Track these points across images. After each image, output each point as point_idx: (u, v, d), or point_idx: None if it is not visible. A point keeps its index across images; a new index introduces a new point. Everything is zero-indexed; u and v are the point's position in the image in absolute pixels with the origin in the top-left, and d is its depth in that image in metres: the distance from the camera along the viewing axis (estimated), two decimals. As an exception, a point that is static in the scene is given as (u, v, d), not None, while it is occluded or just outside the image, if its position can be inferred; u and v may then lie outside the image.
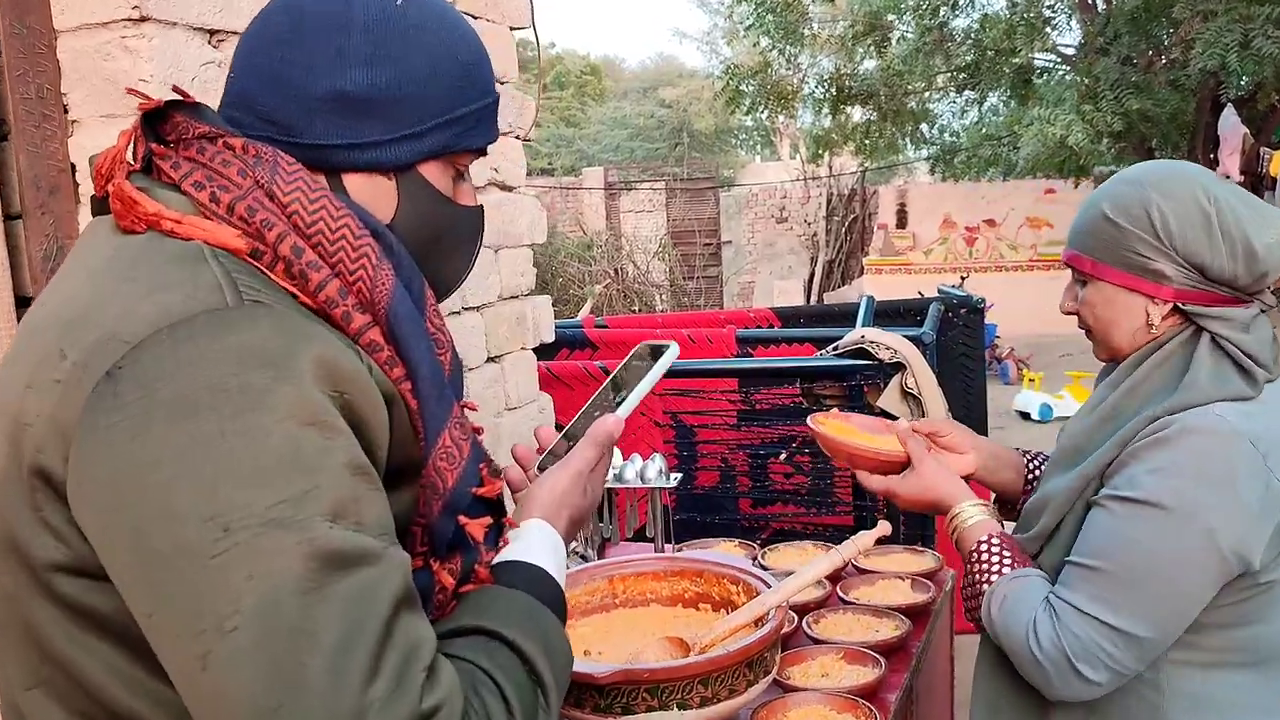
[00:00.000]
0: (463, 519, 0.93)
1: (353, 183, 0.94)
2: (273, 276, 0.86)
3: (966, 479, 1.73)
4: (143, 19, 1.48)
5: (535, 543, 1.02)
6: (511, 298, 2.50)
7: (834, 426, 1.80)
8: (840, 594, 2.25)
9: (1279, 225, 1.42)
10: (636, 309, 13.43)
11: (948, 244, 15.37)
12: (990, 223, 15.20)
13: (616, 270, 13.91)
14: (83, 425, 0.77)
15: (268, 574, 0.73)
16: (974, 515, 1.61)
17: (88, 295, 0.84)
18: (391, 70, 0.92)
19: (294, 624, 0.73)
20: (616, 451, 3.05)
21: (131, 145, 0.91)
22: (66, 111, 1.56)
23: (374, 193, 0.95)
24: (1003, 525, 1.65)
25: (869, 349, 3.34)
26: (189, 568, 0.74)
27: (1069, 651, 1.41)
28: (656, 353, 1.21)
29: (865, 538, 1.77)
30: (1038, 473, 1.79)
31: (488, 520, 0.95)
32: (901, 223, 15.88)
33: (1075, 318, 1.57)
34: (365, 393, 0.84)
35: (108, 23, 1.50)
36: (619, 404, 1.16)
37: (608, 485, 2.25)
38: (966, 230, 15.31)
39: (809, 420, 1.80)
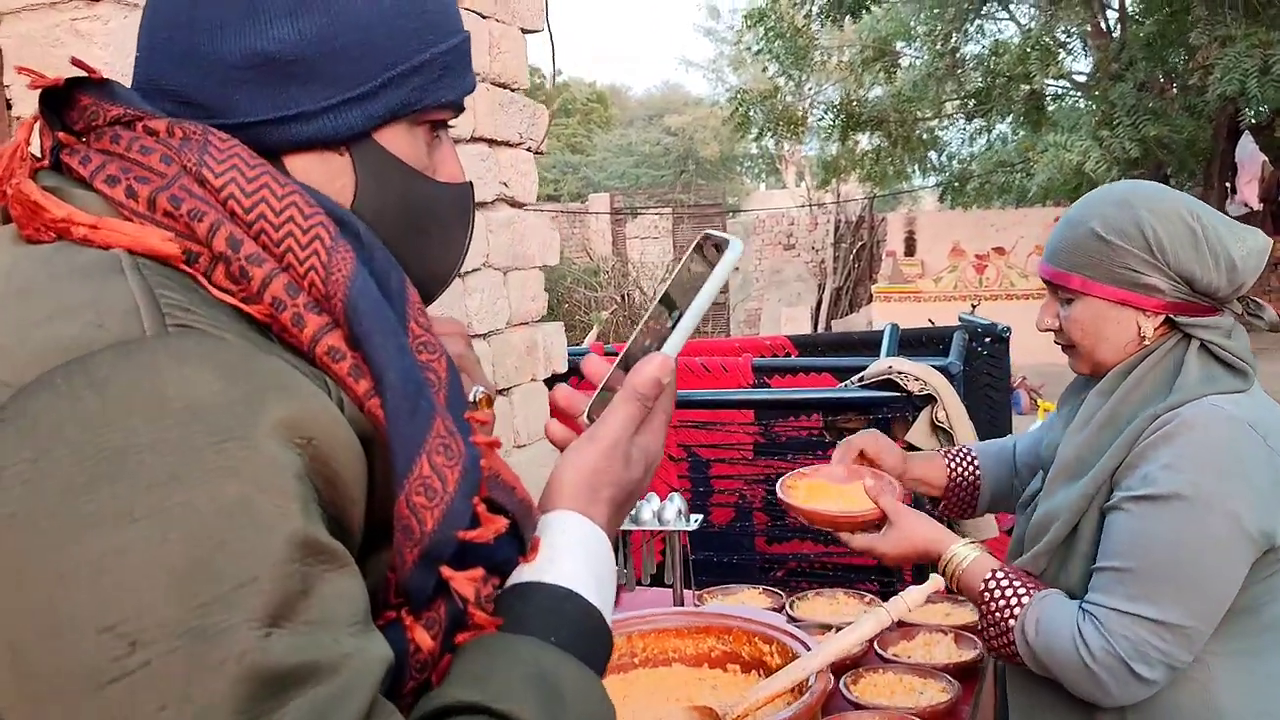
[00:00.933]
0: (446, 571, 0.70)
1: (296, 165, 0.76)
2: (211, 288, 0.68)
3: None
4: (97, -1, 1.30)
5: (560, 548, 0.77)
6: (521, 324, 2.30)
7: (807, 489, 1.79)
8: (878, 650, 2.08)
9: (1248, 238, 1.52)
10: (643, 336, 13.32)
11: (957, 272, 15.33)
12: (1000, 250, 15.16)
13: (623, 296, 13.81)
14: None
15: (185, 703, 0.55)
16: (967, 555, 1.62)
17: None
18: (322, 16, 0.74)
19: None
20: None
21: (36, 137, 0.72)
22: (10, 107, 1.38)
23: (325, 174, 0.77)
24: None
25: (897, 380, 3.18)
26: (82, 696, 0.55)
27: (1123, 655, 1.42)
28: (714, 253, 0.87)
29: (916, 594, 1.69)
30: (960, 455, 1.92)
31: (479, 572, 0.72)
32: (910, 250, 15.87)
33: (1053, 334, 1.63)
34: (336, 436, 0.65)
35: (56, 3, 1.31)
36: (669, 328, 0.85)
37: (623, 527, 2.08)
38: (976, 258, 15.28)
39: (778, 490, 1.78)
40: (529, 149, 2.25)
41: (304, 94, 0.74)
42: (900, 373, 3.20)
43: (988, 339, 4.44)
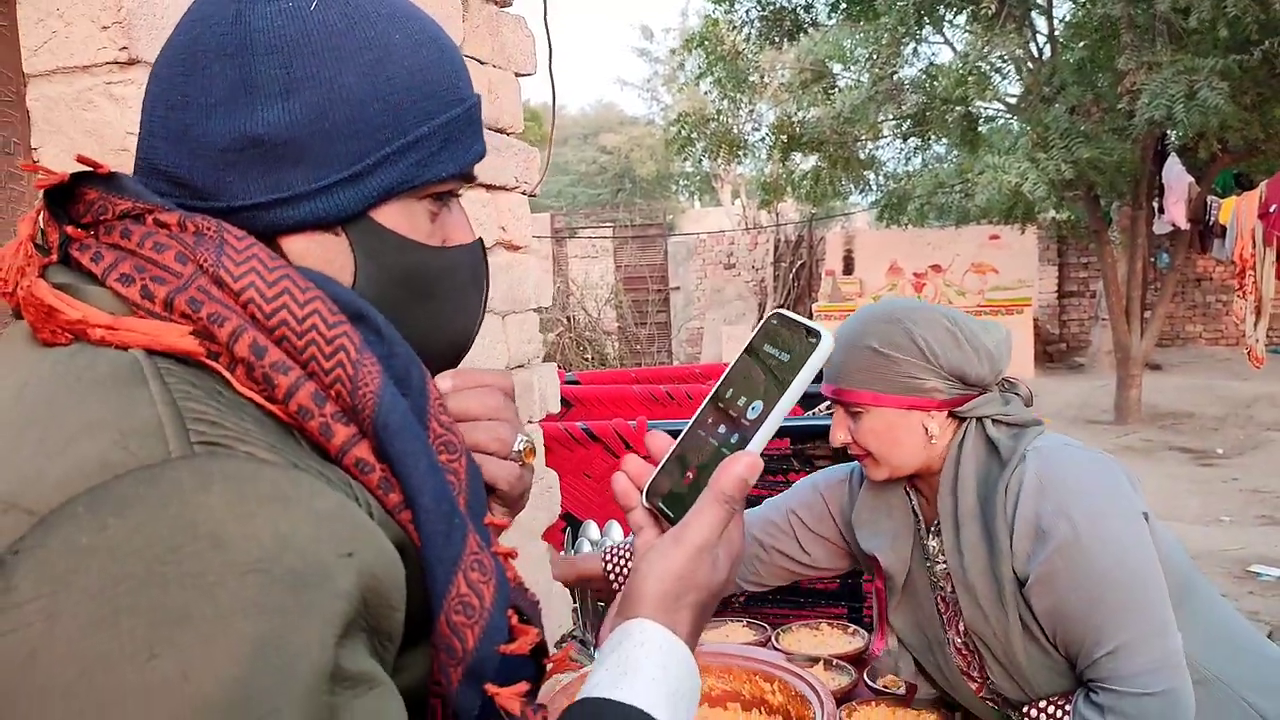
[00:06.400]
0: (491, 688, 0.69)
1: (293, 247, 0.73)
2: (236, 384, 0.66)
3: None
4: (131, 62, 1.27)
5: (638, 661, 0.73)
6: (519, 367, 2.30)
7: None
8: (868, 681, 2.11)
9: (993, 330, 1.70)
10: (589, 357, 13.27)
11: (896, 289, 15.53)
12: (936, 268, 15.40)
13: (569, 318, 13.74)
14: None
15: None
16: None
17: None
18: (314, 94, 0.71)
19: None
20: (613, 523, 2.88)
21: (41, 233, 0.70)
22: (38, 173, 1.33)
23: (323, 255, 0.74)
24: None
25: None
26: None
27: (1144, 688, 1.49)
28: (795, 340, 0.82)
29: None
30: (622, 558, 2.06)
31: (524, 687, 0.71)
32: (848, 269, 16.05)
33: (851, 445, 1.73)
34: (376, 548, 0.63)
35: (89, 66, 1.28)
36: (749, 421, 0.81)
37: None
38: (914, 276, 15.50)
39: None
40: (524, 192, 2.25)
41: (295, 176, 0.72)
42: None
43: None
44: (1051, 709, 1.61)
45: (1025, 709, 1.64)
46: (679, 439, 0.84)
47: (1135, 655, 1.49)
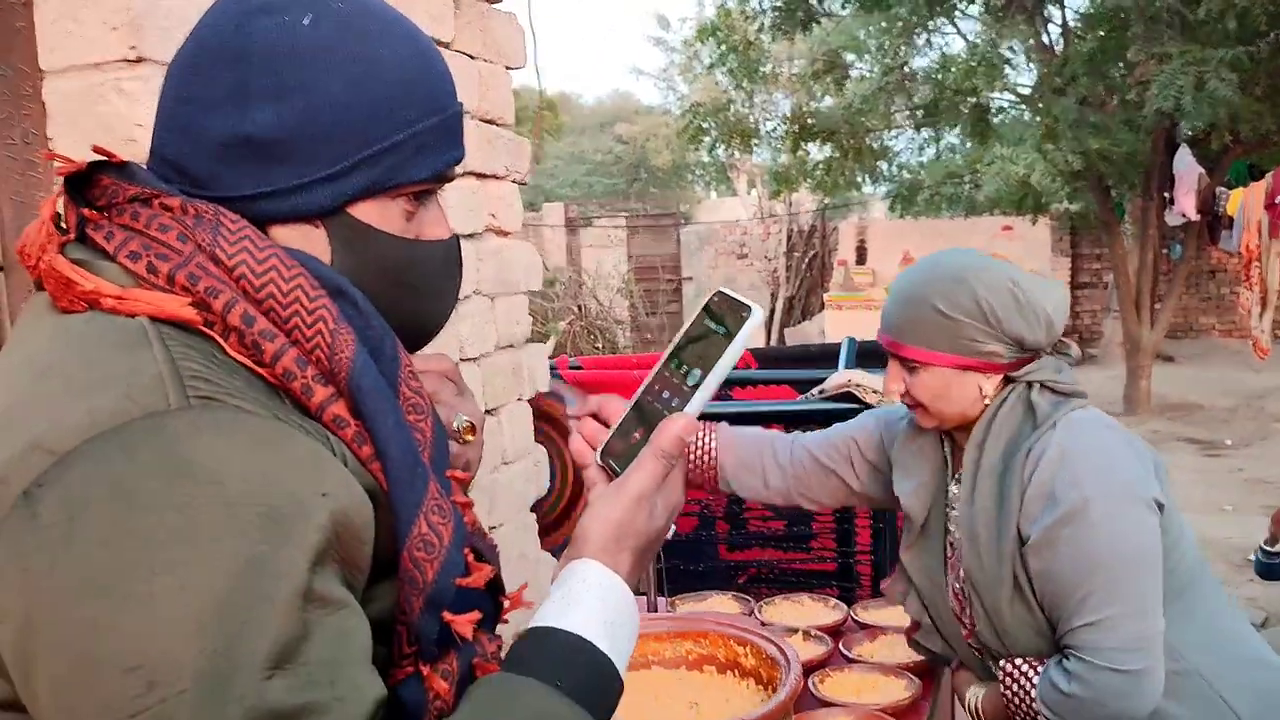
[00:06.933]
0: (448, 615, 0.80)
1: (279, 234, 0.82)
2: (228, 349, 0.76)
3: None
4: (139, 60, 1.37)
5: (580, 595, 0.82)
6: (508, 347, 2.40)
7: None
8: (843, 650, 2.21)
9: (1053, 292, 1.71)
10: (600, 346, 13.35)
11: (907, 280, 15.48)
12: (949, 259, 15.33)
13: (579, 307, 13.82)
14: None
15: None
16: (978, 693, 1.84)
17: (18, 391, 0.73)
18: (301, 103, 0.79)
19: None
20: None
21: (60, 214, 0.81)
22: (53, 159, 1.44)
23: (304, 243, 0.83)
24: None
25: (855, 392, 3.30)
26: None
27: (1111, 664, 1.55)
28: (731, 315, 0.92)
29: None
30: (706, 435, 2.02)
31: (477, 614, 0.82)
32: (861, 259, 16.02)
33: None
34: (349, 491, 0.73)
35: (100, 64, 1.39)
36: (689, 385, 0.90)
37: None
38: (926, 266, 15.43)
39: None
40: (514, 180, 2.35)
41: (280, 173, 0.80)
42: (859, 385, 3.33)
43: (940, 350, 4.59)
44: (1025, 666, 1.68)
45: (1002, 662, 1.72)
46: (630, 405, 0.94)
47: (1113, 631, 1.56)
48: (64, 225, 0.81)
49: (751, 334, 0.90)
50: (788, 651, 1.83)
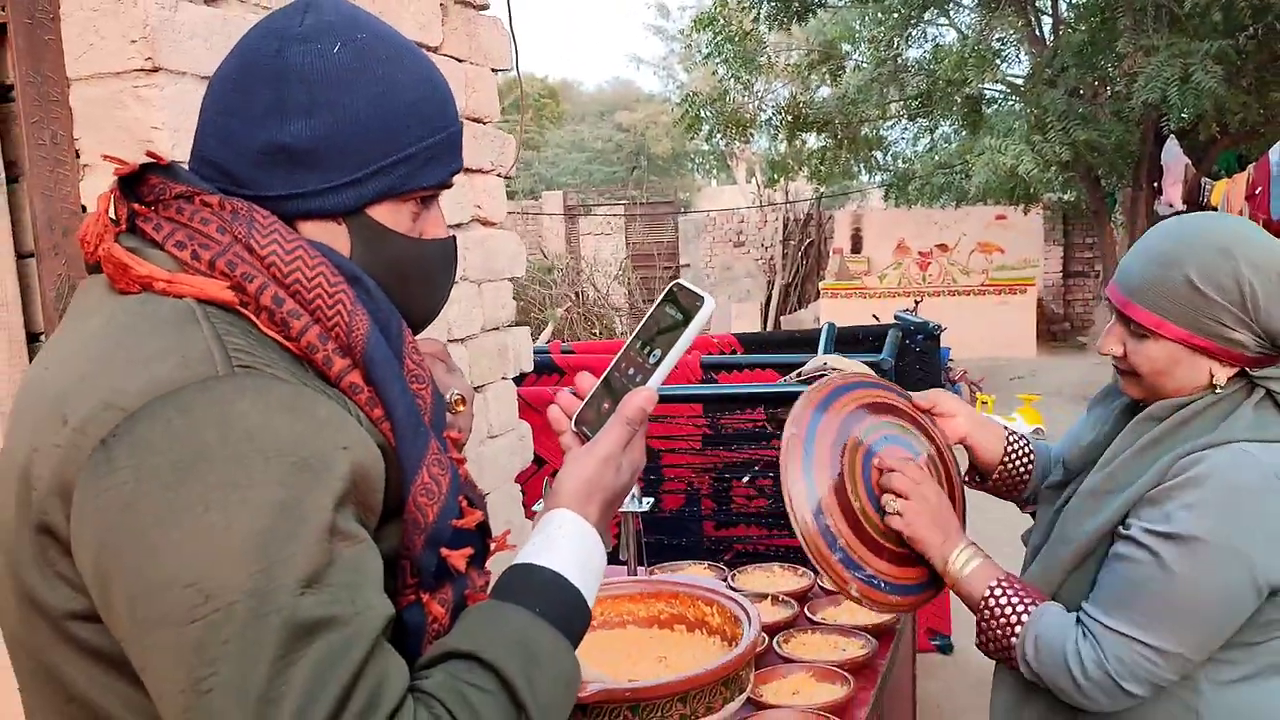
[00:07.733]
0: (445, 551, 0.94)
1: (306, 229, 0.94)
2: (261, 326, 0.89)
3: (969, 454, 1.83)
4: (155, 69, 1.52)
5: (556, 539, 0.98)
6: (493, 329, 2.56)
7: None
8: (808, 614, 2.34)
9: None
10: (597, 332, 13.46)
11: (902, 268, 15.56)
12: (943, 247, 15.41)
13: (577, 294, 13.93)
14: (80, 490, 0.80)
15: (241, 640, 0.76)
16: (969, 563, 1.62)
17: (86, 360, 0.86)
18: (330, 118, 0.92)
19: (262, 692, 0.75)
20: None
21: (112, 207, 0.94)
22: (78, 156, 1.60)
23: (328, 238, 0.95)
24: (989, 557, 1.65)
25: (830, 374, 3.42)
26: (171, 631, 0.77)
27: (1115, 674, 1.46)
28: (688, 304, 1.07)
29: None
30: (1021, 446, 1.83)
31: (469, 550, 0.96)
32: (856, 247, 16.07)
33: (1111, 356, 1.58)
34: (366, 446, 0.87)
35: (120, 72, 1.54)
36: (650, 363, 1.05)
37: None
38: (920, 255, 15.51)
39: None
40: (499, 174, 2.51)
41: (309, 177, 0.93)
42: (834, 368, 3.46)
43: (920, 336, 4.74)
44: (1016, 600, 1.57)
45: (1001, 581, 1.60)
46: (600, 380, 1.09)
47: (1139, 654, 1.46)
48: (115, 217, 0.94)
49: (705, 320, 1.07)
50: (750, 610, 1.96)
